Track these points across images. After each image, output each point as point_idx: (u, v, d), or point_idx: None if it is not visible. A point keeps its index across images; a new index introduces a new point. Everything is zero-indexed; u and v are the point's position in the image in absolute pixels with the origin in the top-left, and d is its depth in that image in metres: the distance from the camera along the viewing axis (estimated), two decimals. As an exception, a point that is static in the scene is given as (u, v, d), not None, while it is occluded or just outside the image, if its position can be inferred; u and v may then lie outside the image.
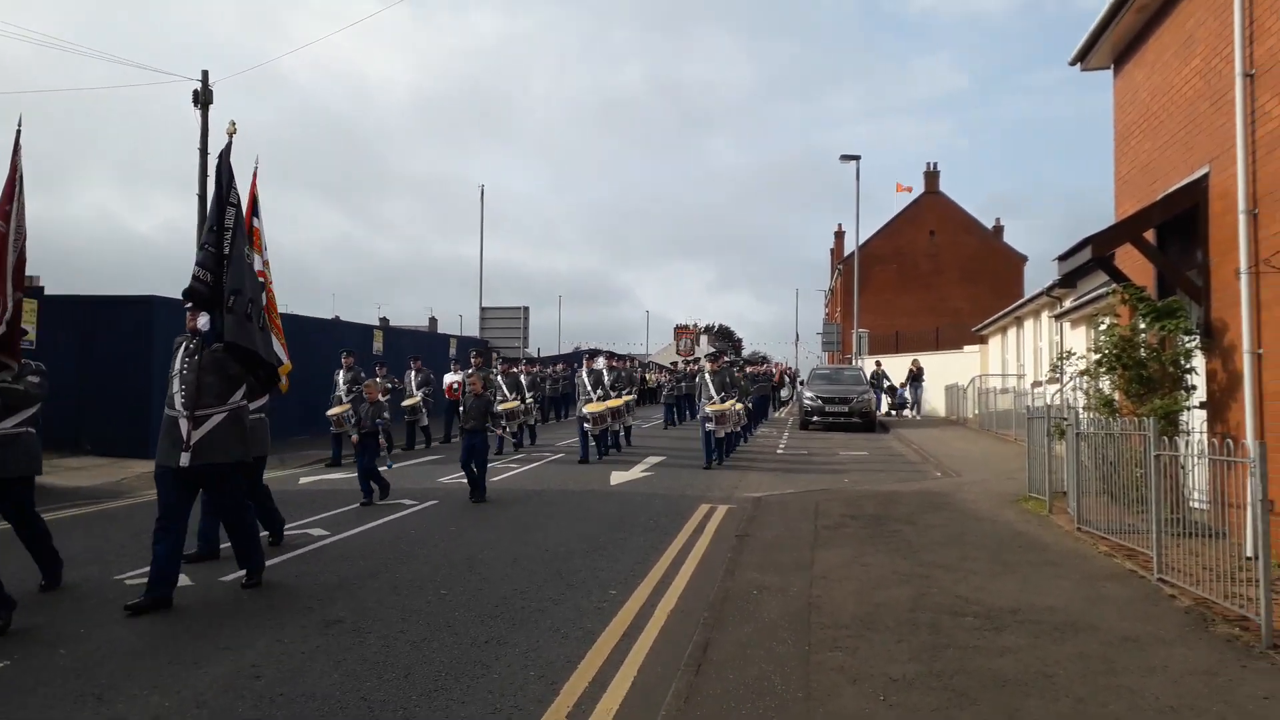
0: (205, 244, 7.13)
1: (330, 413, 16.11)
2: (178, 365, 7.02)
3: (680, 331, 68.33)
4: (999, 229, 57.12)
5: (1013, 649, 5.59)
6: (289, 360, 8.54)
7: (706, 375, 16.81)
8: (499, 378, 18.97)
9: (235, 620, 6.36)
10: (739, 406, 17.39)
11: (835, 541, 9.01)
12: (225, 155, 7.27)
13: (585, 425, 16.81)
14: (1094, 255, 9.76)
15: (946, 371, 31.11)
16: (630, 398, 20.00)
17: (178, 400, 6.89)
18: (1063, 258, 10.61)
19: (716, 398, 16.29)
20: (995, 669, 5.22)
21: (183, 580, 7.46)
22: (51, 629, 6.13)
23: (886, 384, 32.62)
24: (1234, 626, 5.95)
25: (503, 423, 12.21)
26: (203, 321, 7.09)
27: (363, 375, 16.23)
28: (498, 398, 18.12)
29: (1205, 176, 9.24)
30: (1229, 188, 8.58)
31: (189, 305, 7.10)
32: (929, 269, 53.49)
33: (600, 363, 18.30)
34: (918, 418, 30.81)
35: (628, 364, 32.27)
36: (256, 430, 8.35)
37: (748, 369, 27.93)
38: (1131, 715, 4.56)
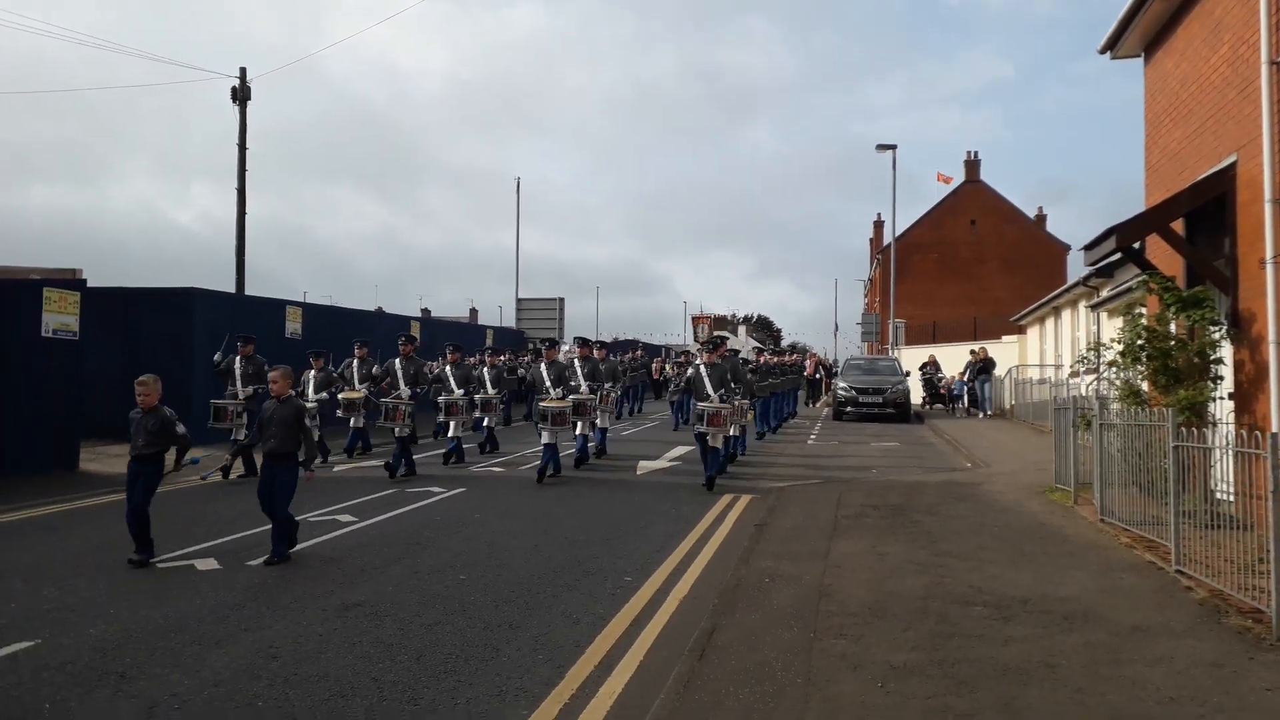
0: None
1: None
2: None
3: (699, 320, 65.99)
4: (1041, 218, 56.35)
5: (1018, 638, 5.61)
6: None
7: (702, 368, 13.10)
8: (447, 369, 15.31)
9: (258, 603, 6.56)
10: (743, 404, 14.25)
11: (854, 531, 9.04)
12: None
13: (540, 426, 13.17)
14: (1118, 245, 9.68)
15: (984, 362, 30.69)
16: (614, 392, 16.39)
17: None
18: (1088, 247, 10.51)
19: (714, 396, 12.69)
20: (998, 658, 5.25)
21: (211, 564, 7.72)
22: (84, 609, 6.36)
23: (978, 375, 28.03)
24: (1247, 619, 5.91)
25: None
26: None
27: (267, 367, 11.14)
28: (441, 390, 15.26)
29: (1233, 165, 9.10)
30: (1256, 176, 8.47)
31: None
32: (970, 258, 52.89)
33: (569, 352, 15.04)
34: (982, 417, 26.62)
35: (633, 354, 28.59)
36: None
37: (774, 359, 23.63)
38: (1129, 705, 4.58)
